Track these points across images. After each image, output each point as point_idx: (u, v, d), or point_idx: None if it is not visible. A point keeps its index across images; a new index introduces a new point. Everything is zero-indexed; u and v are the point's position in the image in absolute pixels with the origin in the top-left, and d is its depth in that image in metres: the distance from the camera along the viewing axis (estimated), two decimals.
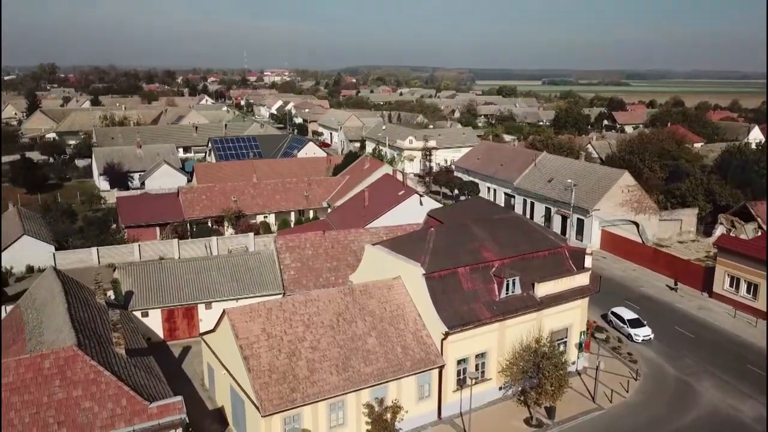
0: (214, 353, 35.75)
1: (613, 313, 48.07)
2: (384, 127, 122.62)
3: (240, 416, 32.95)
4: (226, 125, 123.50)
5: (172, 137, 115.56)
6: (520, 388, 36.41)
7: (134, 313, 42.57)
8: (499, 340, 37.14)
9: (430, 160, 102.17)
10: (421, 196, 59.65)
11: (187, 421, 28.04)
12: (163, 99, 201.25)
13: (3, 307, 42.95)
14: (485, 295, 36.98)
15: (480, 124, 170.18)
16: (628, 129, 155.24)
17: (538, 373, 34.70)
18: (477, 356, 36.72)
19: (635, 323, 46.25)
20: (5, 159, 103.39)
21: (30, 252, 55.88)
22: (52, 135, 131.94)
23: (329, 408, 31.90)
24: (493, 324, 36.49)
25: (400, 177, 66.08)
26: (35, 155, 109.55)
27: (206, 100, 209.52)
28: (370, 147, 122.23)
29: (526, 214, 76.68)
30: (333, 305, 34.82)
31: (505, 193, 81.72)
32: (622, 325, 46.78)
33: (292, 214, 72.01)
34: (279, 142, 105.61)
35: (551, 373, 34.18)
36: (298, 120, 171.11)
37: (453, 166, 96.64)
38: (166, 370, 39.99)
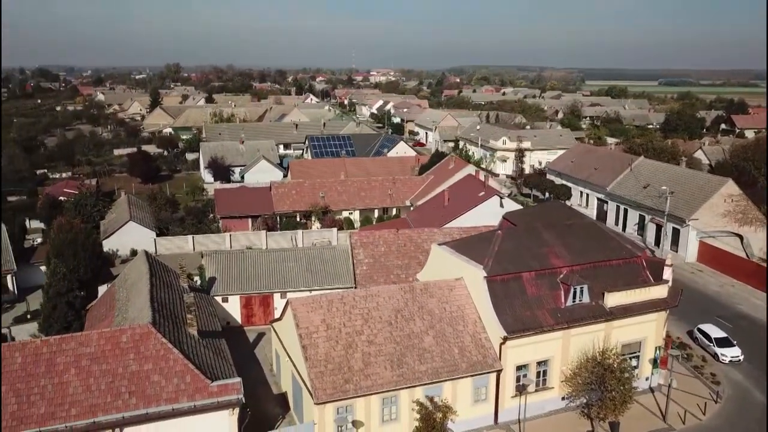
0: (280, 340, 37.56)
1: (700, 330, 44.95)
2: (478, 127, 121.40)
3: (299, 402, 34.41)
4: (324, 124, 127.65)
5: (273, 134, 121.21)
6: (584, 400, 35.12)
7: (215, 298, 45.51)
8: (562, 349, 36.07)
9: (522, 162, 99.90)
10: (501, 198, 58.79)
11: (244, 401, 29.72)
12: (272, 97, 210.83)
13: (106, 285, 47.37)
14: (550, 301, 36.03)
15: (584, 126, 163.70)
16: (749, 134, 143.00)
17: (600, 385, 33.36)
18: (538, 363, 35.90)
19: (723, 342, 43.00)
20: (125, 151, 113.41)
21: (134, 236, 61.15)
22: (168, 130, 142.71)
23: (382, 402, 32.56)
24: (557, 332, 35.50)
25: (485, 178, 65.42)
26: (152, 148, 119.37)
27: (311, 99, 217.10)
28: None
29: (619, 222, 73.33)
30: (392, 302, 35.42)
31: (598, 199, 78.39)
32: (708, 343, 43.67)
33: (376, 211, 73.39)
34: (372, 141, 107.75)
35: (613, 387, 32.74)
36: (396, 119, 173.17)
37: (546, 169, 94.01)
38: (240, 354, 42.61)
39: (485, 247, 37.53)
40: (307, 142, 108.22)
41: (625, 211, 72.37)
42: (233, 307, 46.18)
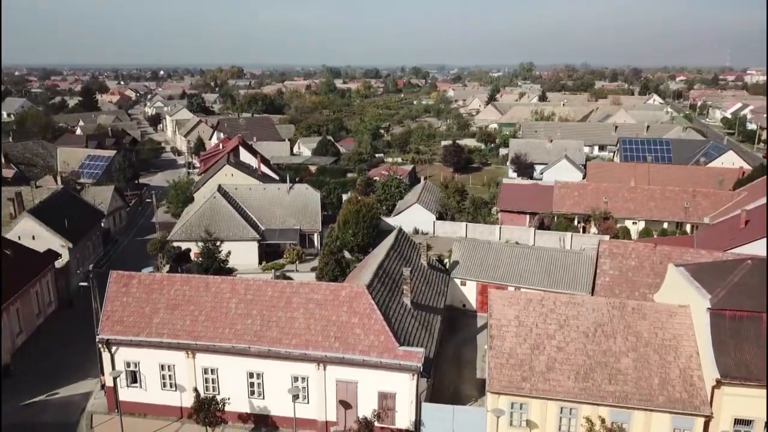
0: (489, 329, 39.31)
1: None
2: None
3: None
4: (648, 127, 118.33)
5: (589, 135, 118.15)
6: None
7: (455, 280, 49.25)
8: None
9: None
10: None
11: (421, 370, 32.78)
12: (610, 97, 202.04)
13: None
14: None
15: None
16: None
17: None
18: None
19: None
20: (448, 143, 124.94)
21: (418, 217, 69.09)
22: (494, 125, 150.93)
23: (560, 410, 31.89)
24: None
25: None
26: (471, 142, 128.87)
27: (653, 100, 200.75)
28: None
29: None
30: (595, 314, 33.78)
31: None
32: None
33: (666, 224, 66.62)
34: (695, 149, 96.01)
35: None
36: (752, 126, 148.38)
37: None
38: (464, 335, 45.93)
39: (724, 276, 32.53)
40: (618, 144, 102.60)
41: None
42: (470, 292, 49.25)
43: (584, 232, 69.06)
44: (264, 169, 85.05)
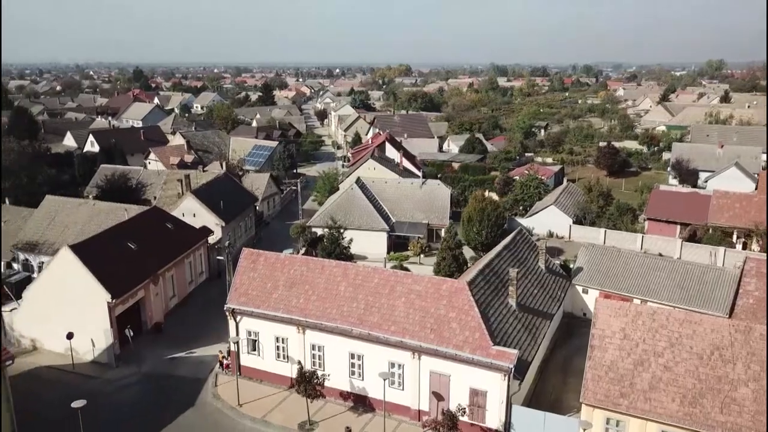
0: None
1: None
2: None
3: None
4: None
5: None
6: None
7: (576, 287, 47.17)
8: None
9: None
10: None
11: (512, 370, 32.23)
12: None
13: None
14: None
15: None
16: None
17: None
18: None
19: None
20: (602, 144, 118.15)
21: (552, 220, 66.74)
22: (662, 127, 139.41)
23: None
24: None
25: None
26: (632, 144, 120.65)
27: None
28: None
29: None
30: (714, 336, 30.72)
31: None
32: None
33: None
34: None
35: None
36: None
37: None
38: (578, 343, 43.97)
39: None
40: None
41: None
42: (592, 301, 46.75)
43: (744, 248, 61.90)
44: (406, 164, 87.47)
